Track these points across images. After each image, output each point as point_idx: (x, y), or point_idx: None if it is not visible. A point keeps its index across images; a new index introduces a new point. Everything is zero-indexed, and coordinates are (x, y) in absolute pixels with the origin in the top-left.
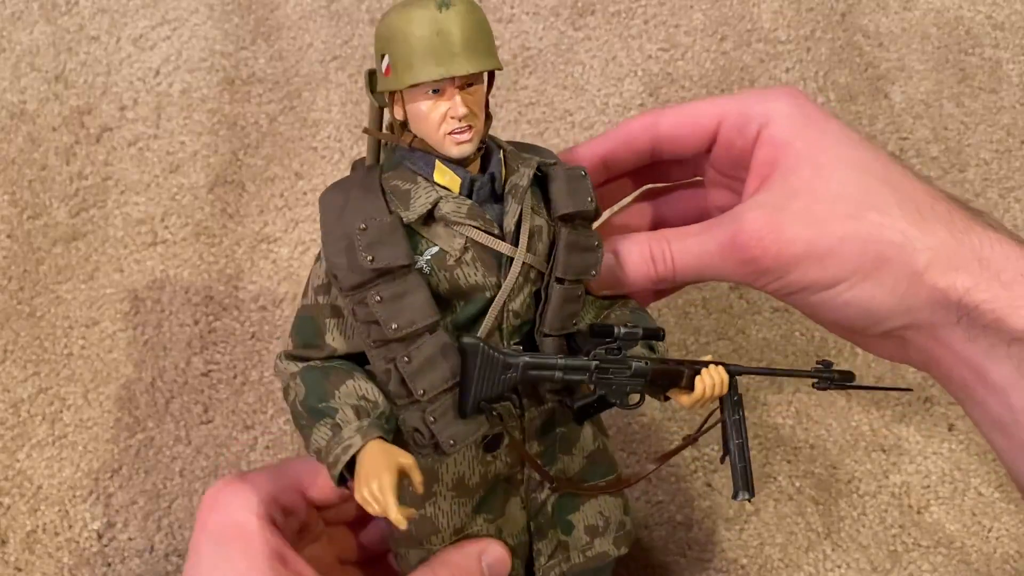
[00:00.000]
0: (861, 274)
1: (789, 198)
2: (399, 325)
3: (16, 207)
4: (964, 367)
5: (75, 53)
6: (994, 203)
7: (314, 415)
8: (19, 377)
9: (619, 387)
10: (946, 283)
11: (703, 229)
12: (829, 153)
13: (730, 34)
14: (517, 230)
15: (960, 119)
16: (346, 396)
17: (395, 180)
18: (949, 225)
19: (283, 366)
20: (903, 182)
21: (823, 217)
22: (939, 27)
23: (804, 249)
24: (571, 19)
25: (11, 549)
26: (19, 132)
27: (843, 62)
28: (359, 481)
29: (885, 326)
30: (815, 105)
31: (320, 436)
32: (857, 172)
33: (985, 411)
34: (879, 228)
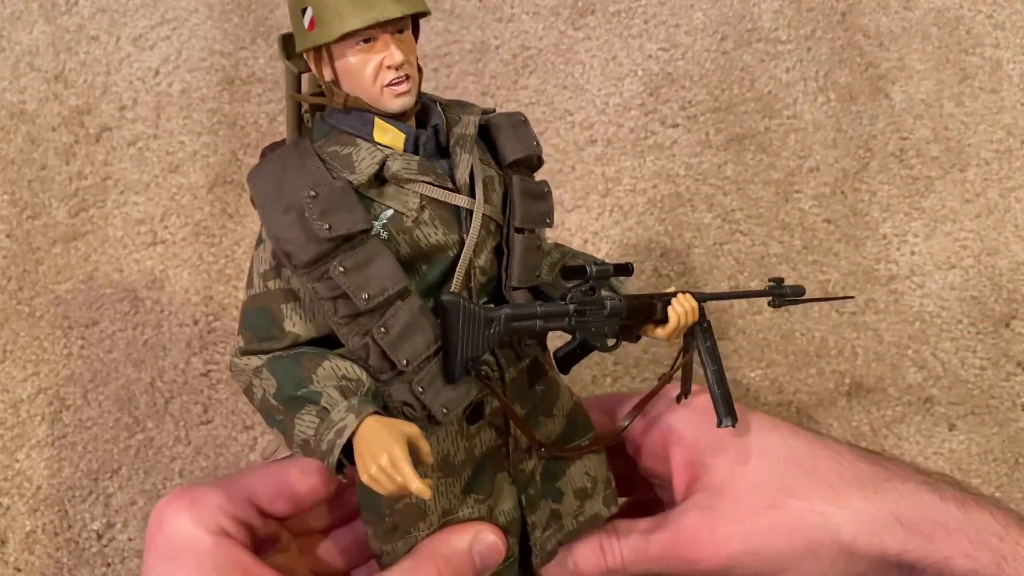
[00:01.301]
0: (797, 560)
1: (714, 500)
2: (370, 294)
3: (15, 207)
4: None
5: (75, 53)
6: (994, 203)
7: (292, 405)
8: (19, 377)
9: (598, 329)
10: (878, 549)
11: (650, 527)
12: (738, 444)
13: (730, 34)
14: (471, 182)
15: (961, 119)
16: (326, 378)
17: (331, 146)
18: (862, 490)
19: (242, 363)
20: (812, 459)
21: (749, 512)
22: (940, 27)
23: (739, 547)
24: (571, 19)
25: (10, 549)
26: (19, 132)
27: (843, 62)
28: (364, 460)
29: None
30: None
31: (305, 426)
32: (768, 459)
33: None
34: (799, 514)
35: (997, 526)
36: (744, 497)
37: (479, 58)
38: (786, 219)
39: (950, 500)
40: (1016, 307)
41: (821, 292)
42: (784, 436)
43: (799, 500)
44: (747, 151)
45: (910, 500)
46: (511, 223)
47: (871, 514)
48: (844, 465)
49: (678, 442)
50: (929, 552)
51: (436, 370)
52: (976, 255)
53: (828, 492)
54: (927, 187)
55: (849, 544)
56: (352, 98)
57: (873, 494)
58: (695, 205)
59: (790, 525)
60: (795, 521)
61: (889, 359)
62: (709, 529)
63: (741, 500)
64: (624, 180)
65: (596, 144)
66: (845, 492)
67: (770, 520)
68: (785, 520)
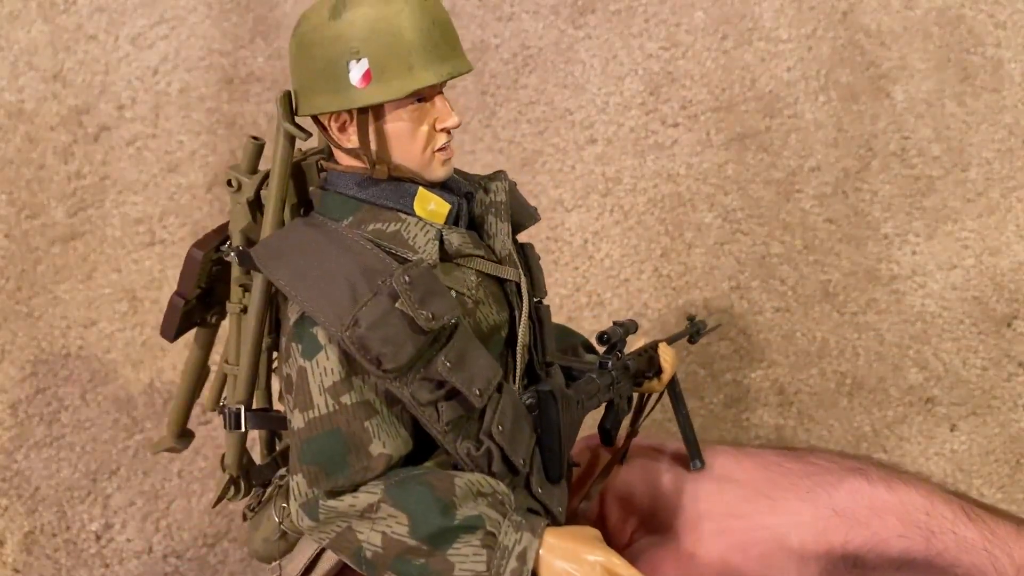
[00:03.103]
0: (755, 574)
1: (665, 537)
2: (481, 389)
3: (14, 207)
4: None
5: (73, 52)
6: (996, 202)
7: (442, 539)
8: (17, 377)
9: (624, 391)
10: (824, 547)
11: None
12: (668, 482)
13: (731, 33)
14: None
15: (962, 118)
16: (470, 497)
17: (372, 224)
18: (797, 492)
19: (340, 505)
20: (744, 473)
21: (700, 542)
22: (941, 26)
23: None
24: (571, 18)
25: (9, 550)
26: (17, 132)
27: (844, 61)
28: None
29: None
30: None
31: (469, 560)
32: (705, 487)
33: None
34: (746, 533)
35: (924, 502)
36: (692, 527)
37: (479, 57)
38: (787, 219)
39: (878, 482)
40: (1017, 307)
41: (822, 292)
42: (708, 456)
43: (742, 519)
44: (748, 150)
45: (841, 490)
46: (532, 293)
47: (811, 513)
48: (773, 471)
49: (611, 503)
50: (867, 538)
51: (540, 468)
52: (977, 255)
53: (768, 504)
54: (928, 187)
55: (798, 549)
56: (395, 166)
57: (807, 493)
58: (696, 205)
59: (740, 546)
60: (743, 540)
61: (890, 359)
62: (664, 562)
63: (690, 530)
64: (624, 179)
65: (596, 143)
66: (783, 499)
67: (721, 546)
68: (735, 542)
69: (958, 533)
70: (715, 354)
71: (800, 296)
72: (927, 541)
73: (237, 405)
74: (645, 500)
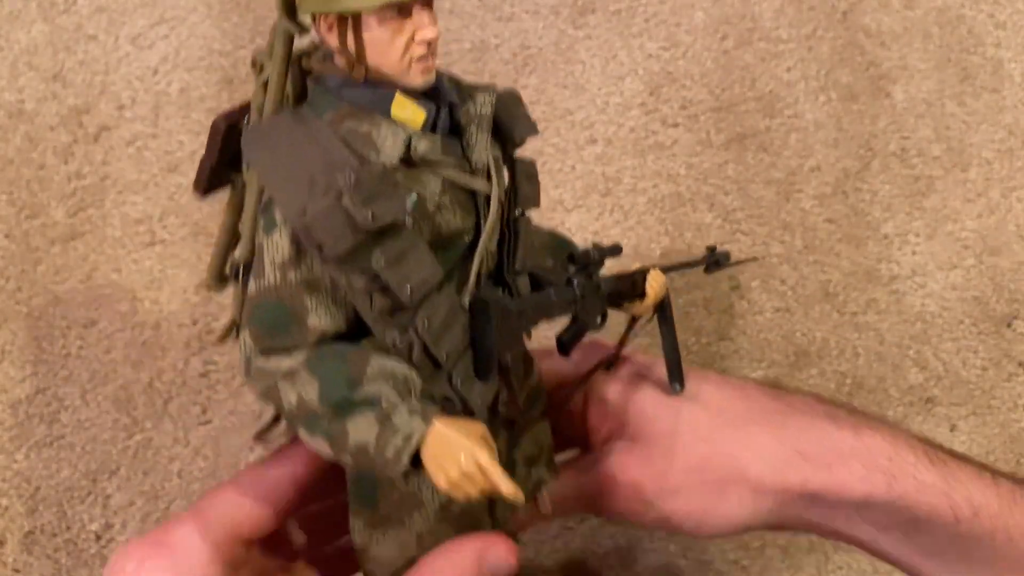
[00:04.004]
0: (709, 500)
1: (633, 443)
2: (412, 288)
3: (14, 207)
4: (839, 537)
5: (73, 52)
6: (996, 203)
7: (342, 410)
8: (17, 377)
9: (593, 310)
10: (782, 485)
11: (574, 471)
12: (645, 395)
13: (731, 33)
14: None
15: (962, 118)
16: (377, 378)
17: (347, 122)
18: (768, 427)
19: (267, 365)
20: (720, 402)
21: (662, 457)
22: (941, 26)
23: (654, 486)
24: (571, 18)
25: (9, 550)
26: (17, 131)
27: (845, 61)
28: (443, 464)
29: (755, 527)
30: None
31: (362, 431)
32: (674, 404)
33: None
34: (708, 457)
35: (887, 447)
36: (656, 442)
37: (479, 57)
38: (787, 219)
39: (846, 427)
40: (1018, 307)
41: (822, 292)
42: (693, 382)
43: (707, 444)
44: (748, 151)
45: (811, 433)
46: (512, 206)
47: (775, 451)
48: (750, 405)
49: (594, 401)
50: (828, 480)
51: (466, 365)
52: (978, 255)
53: (734, 434)
54: (928, 187)
55: (755, 482)
56: (374, 71)
57: (777, 432)
58: (696, 205)
59: (701, 468)
60: (705, 463)
61: (890, 359)
62: (624, 470)
63: (653, 444)
64: (624, 180)
65: (596, 144)
66: (751, 432)
67: (680, 462)
68: (694, 462)
69: (918, 477)
70: (715, 354)
71: (800, 296)
72: (888, 485)
73: (241, 261)
74: (624, 408)
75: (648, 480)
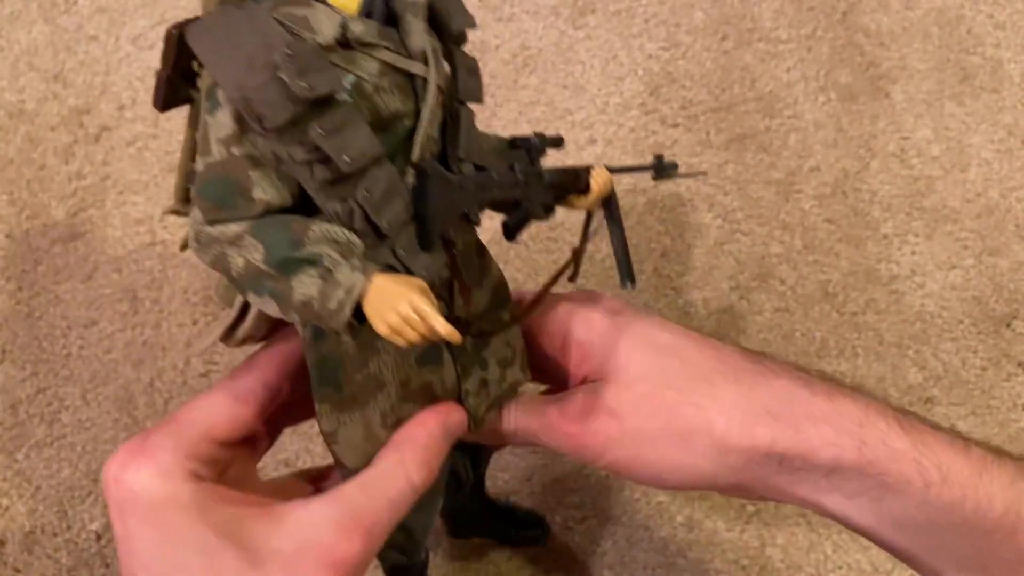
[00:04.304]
0: (672, 449)
1: (603, 383)
2: (352, 157)
3: (15, 207)
4: (805, 503)
5: (74, 52)
6: (995, 203)
7: (287, 268)
8: (17, 377)
9: (536, 198)
10: (748, 442)
11: (545, 401)
12: (629, 341)
13: (731, 33)
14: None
15: (961, 119)
16: (320, 241)
17: (284, 7)
18: (739, 386)
19: (216, 232)
20: (697, 357)
21: (629, 398)
22: (940, 26)
23: (617, 427)
24: (571, 18)
25: (9, 550)
26: (18, 132)
27: (844, 61)
28: (382, 312)
29: (719, 486)
30: (610, 300)
31: (306, 288)
32: (651, 353)
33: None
34: (676, 406)
35: (859, 413)
36: (628, 385)
37: (479, 57)
38: (787, 219)
39: (819, 393)
40: (1017, 307)
41: (822, 292)
42: (673, 335)
43: (678, 392)
44: (748, 151)
45: (782, 394)
46: (454, 95)
47: (744, 408)
48: (726, 363)
49: (575, 343)
50: (796, 442)
51: (409, 237)
52: (977, 255)
53: (705, 387)
54: (928, 187)
55: (721, 436)
56: None
57: (749, 391)
58: (695, 205)
59: (666, 415)
60: (671, 411)
61: (890, 359)
62: (591, 408)
63: (624, 387)
64: (624, 180)
65: (596, 144)
66: (722, 387)
67: (648, 407)
68: (662, 411)
69: (888, 444)
70: None
71: (800, 296)
72: (858, 451)
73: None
74: (602, 352)
75: (613, 421)
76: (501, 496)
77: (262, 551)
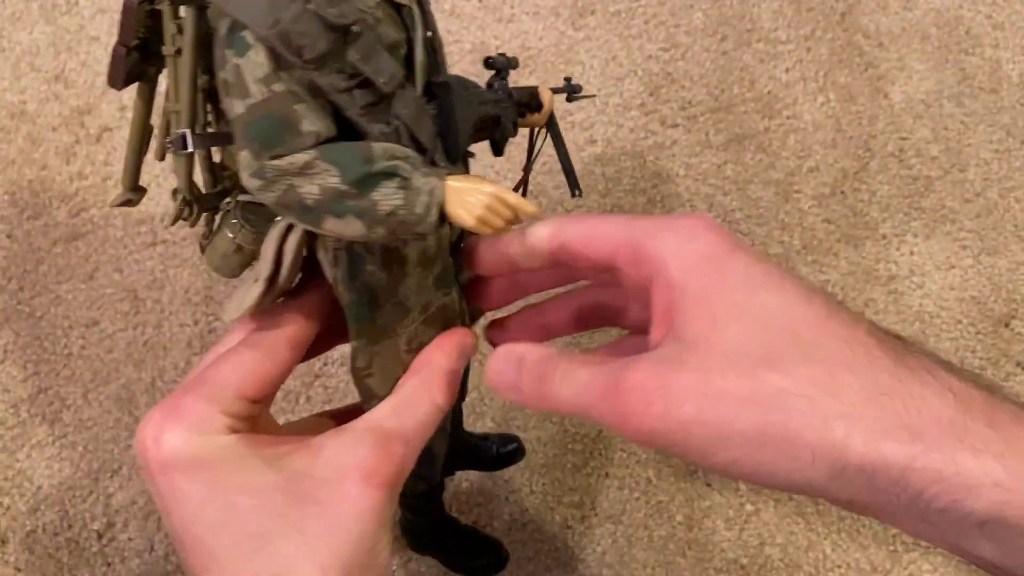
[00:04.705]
0: (767, 447)
1: (682, 353)
2: (386, 79)
3: (16, 207)
4: (940, 542)
5: (75, 53)
6: (994, 203)
7: (367, 184)
8: (19, 377)
9: (510, 114)
10: (874, 458)
11: (599, 360)
12: (727, 298)
13: (730, 34)
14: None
15: (960, 119)
16: (386, 155)
17: None
18: (868, 382)
19: (282, 163)
20: (814, 330)
21: (717, 379)
22: (939, 27)
23: (693, 413)
24: (571, 19)
25: (11, 549)
26: (19, 132)
27: (843, 62)
28: (468, 205)
29: (827, 497)
30: (722, 235)
31: (389, 198)
32: (758, 324)
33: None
34: (782, 395)
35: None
36: (719, 357)
37: (479, 58)
38: (786, 219)
39: (979, 416)
40: (1015, 307)
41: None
42: (790, 299)
43: (784, 376)
44: (747, 151)
45: (926, 408)
46: (428, 25)
47: (874, 414)
48: (855, 350)
49: (664, 280)
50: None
51: (441, 152)
52: (975, 255)
53: (824, 377)
54: (926, 187)
55: (839, 444)
56: None
57: (883, 394)
58: (695, 205)
59: (766, 405)
60: (773, 401)
61: None
62: (662, 383)
63: (714, 360)
64: (624, 180)
65: (596, 144)
66: (847, 380)
67: (742, 393)
68: (761, 399)
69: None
70: None
71: None
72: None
73: (182, 131)
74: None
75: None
76: (501, 493)
77: (305, 482)
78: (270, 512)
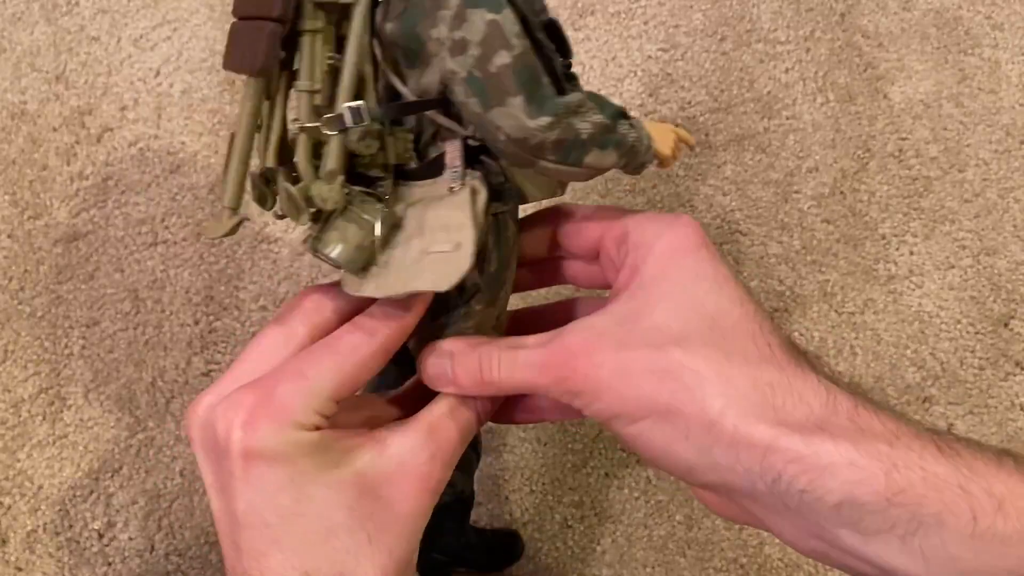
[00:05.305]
0: (658, 415)
1: (614, 323)
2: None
3: (16, 207)
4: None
5: (76, 53)
6: (993, 203)
7: (618, 120)
8: (20, 377)
9: None
10: (741, 436)
11: (537, 342)
12: (668, 285)
13: (730, 34)
14: None
15: (959, 119)
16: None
17: None
18: (758, 372)
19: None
20: (731, 325)
21: (633, 347)
22: (938, 27)
23: (608, 376)
24: (571, 19)
25: (11, 549)
26: (20, 132)
27: (842, 62)
28: (667, 142)
29: (699, 479)
30: (697, 235)
31: (629, 131)
32: (684, 308)
33: None
34: (677, 367)
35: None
36: (637, 332)
37: None
38: (785, 219)
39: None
40: (1015, 307)
41: (820, 292)
42: (724, 296)
43: (684, 352)
44: (746, 151)
45: (802, 396)
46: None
47: (747, 395)
48: (760, 348)
49: (632, 262)
50: (803, 457)
51: None
52: (975, 255)
53: (720, 359)
54: (926, 187)
55: (714, 418)
56: None
57: (763, 380)
58: (695, 205)
59: (661, 374)
60: (669, 371)
61: (888, 359)
62: (587, 350)
63: (632, 334)
64: (623, 180)
65: None
66: (739, 365)
67: (647, 362)
68: (659, 367)
69: (926, 468)
70: None
71: (798, 296)
72: (886, 476)
73: (355, 103)
74: (644, 275)
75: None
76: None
77: (370, 474)
78: (340, 505)
